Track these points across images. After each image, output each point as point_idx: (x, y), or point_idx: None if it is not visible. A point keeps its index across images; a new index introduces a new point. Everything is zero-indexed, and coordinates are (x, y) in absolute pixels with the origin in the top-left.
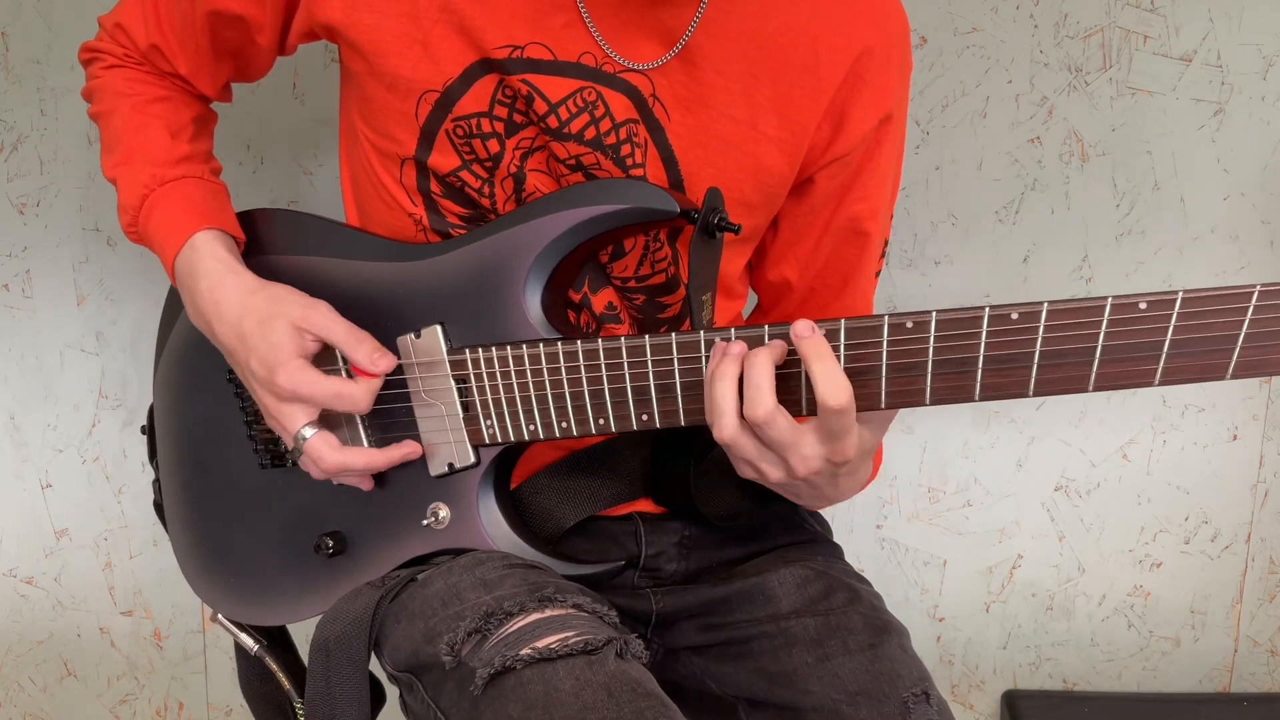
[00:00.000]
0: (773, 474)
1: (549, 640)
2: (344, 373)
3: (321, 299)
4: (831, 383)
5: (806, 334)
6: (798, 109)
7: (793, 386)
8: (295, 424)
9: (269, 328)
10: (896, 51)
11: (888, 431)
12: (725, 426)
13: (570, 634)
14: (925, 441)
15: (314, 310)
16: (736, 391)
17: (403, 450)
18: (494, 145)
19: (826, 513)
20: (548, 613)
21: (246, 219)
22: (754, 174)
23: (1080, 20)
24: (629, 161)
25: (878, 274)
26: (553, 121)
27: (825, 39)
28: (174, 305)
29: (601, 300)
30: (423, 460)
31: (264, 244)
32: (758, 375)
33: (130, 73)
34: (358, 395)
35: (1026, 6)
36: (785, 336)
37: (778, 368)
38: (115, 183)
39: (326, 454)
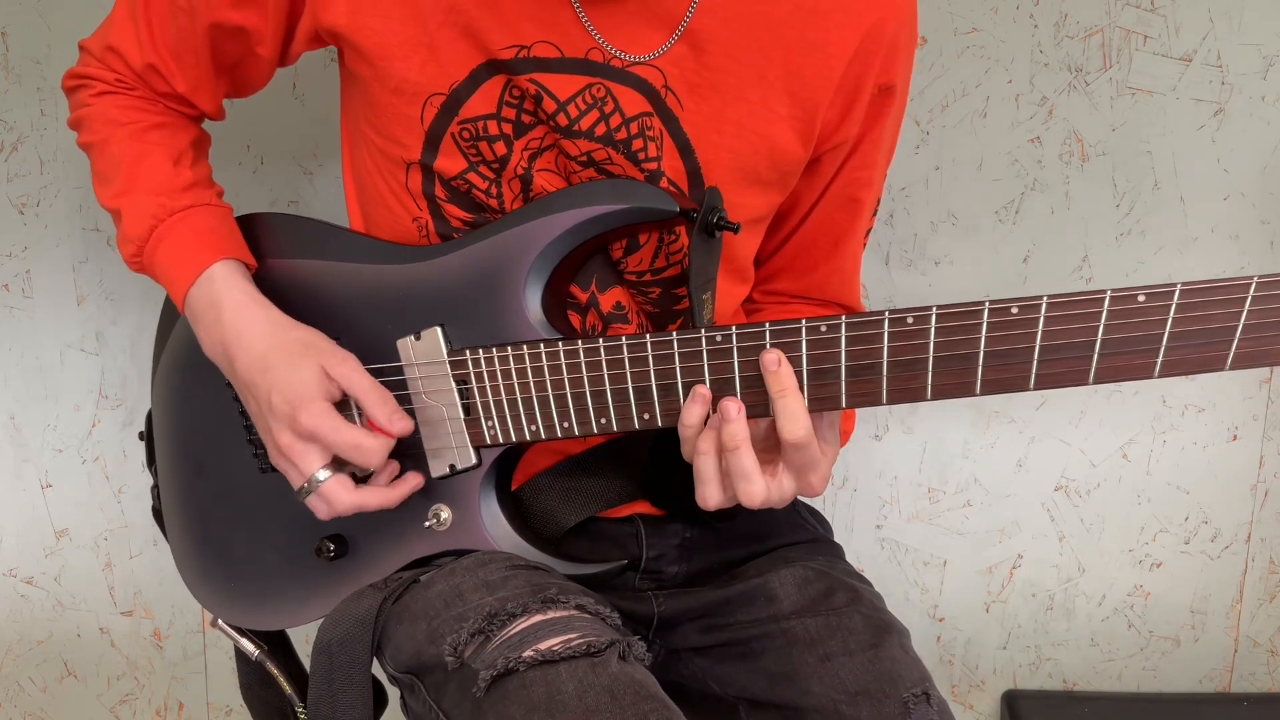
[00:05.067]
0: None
1: (552, 642)
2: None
3: (321, 302)
4: (790, 418)
5: (773, 367)
6: (810, 88)
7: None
8: (311, 465)
9: (297, 364)
10: (906, 25)
11: (896, 426)
12: (710, 497)
13: (573, 636)
14: (925, 441)
15: (344, 361)
16: (718, 461)
17: (410, 484)
18: (500, 147)
19: (827, 513)
20: (550, 614)
21: (246, 224)
22: (768, 155)
23: (1080, 20)
24: (641, 156)
25: (868, 232)
26: (562, 120)
27: (835, 15)
28: (171, 310)
29: (609, 300)
30: (424, 462)
31: (264, 249)
32: (745, 464)
33: (123, 99)
34: (375, 450)
35: (1026, 6)
36: (795, 329)
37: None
38: (117, 214)
39: (343, 496)
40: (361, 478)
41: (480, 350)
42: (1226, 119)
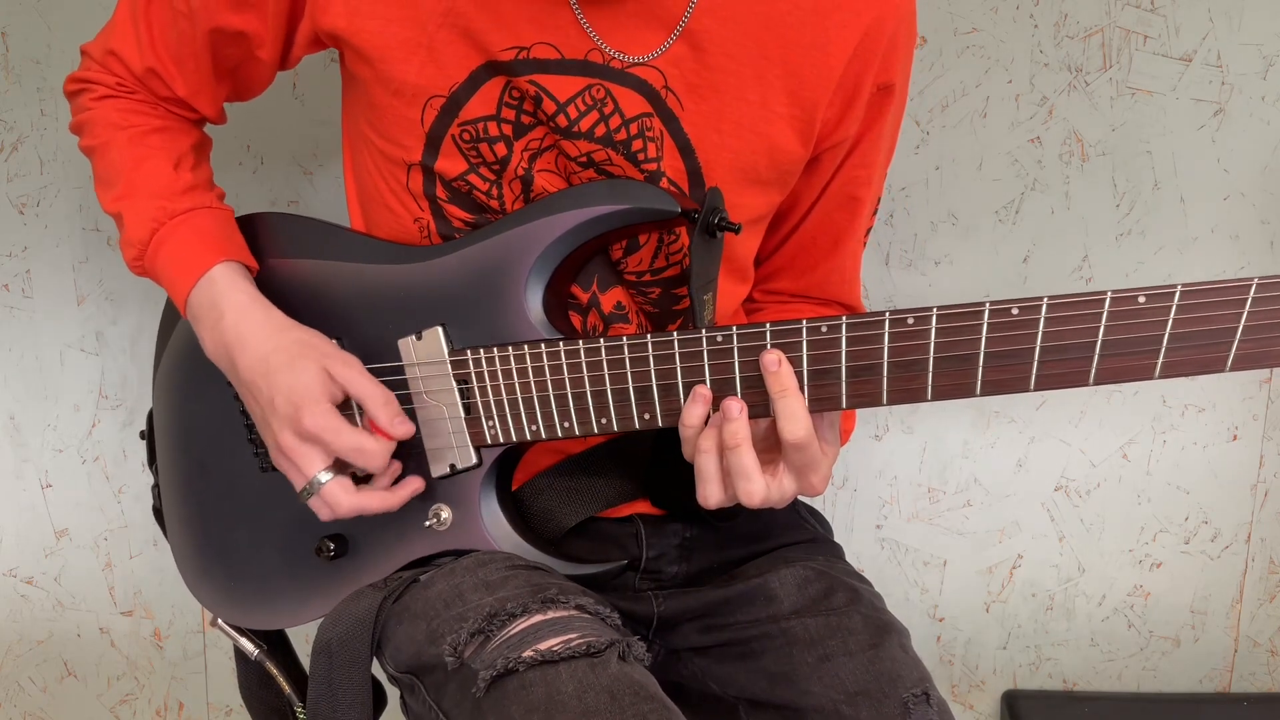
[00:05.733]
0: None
1: (552, 642)
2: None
3: (322, 302)
4: (791, 418)
5: (773, 368)
6: (809, 87)
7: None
8: (313, 467)
9: (299, 366)
10: (904, 24)
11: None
12: (711, 496)
13: (573, 636)
14: (925, 441)
15: (346, 364)
16: (719, 459)
17: (411, 487)
18: (501, 148)
19: (827, 513)
20: (550, 614)
21: (248, 223)
22: (768, 154)
23: (1080, 20)
24: (640, 157)
25: (869, 231)
26: (562, 121)
27: (835, 15)
28: (173, 309)
29: (610, 300)
30: (424, 461)
31: (267, 249)
32: (745, 462)
33: (124, 103)
34: (377, 453)
35: (1026, 6)
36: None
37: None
38: (119, 218)
39: (343, 499)
40: (362, 479)
41: (481, 350)
42: (1226, 119)
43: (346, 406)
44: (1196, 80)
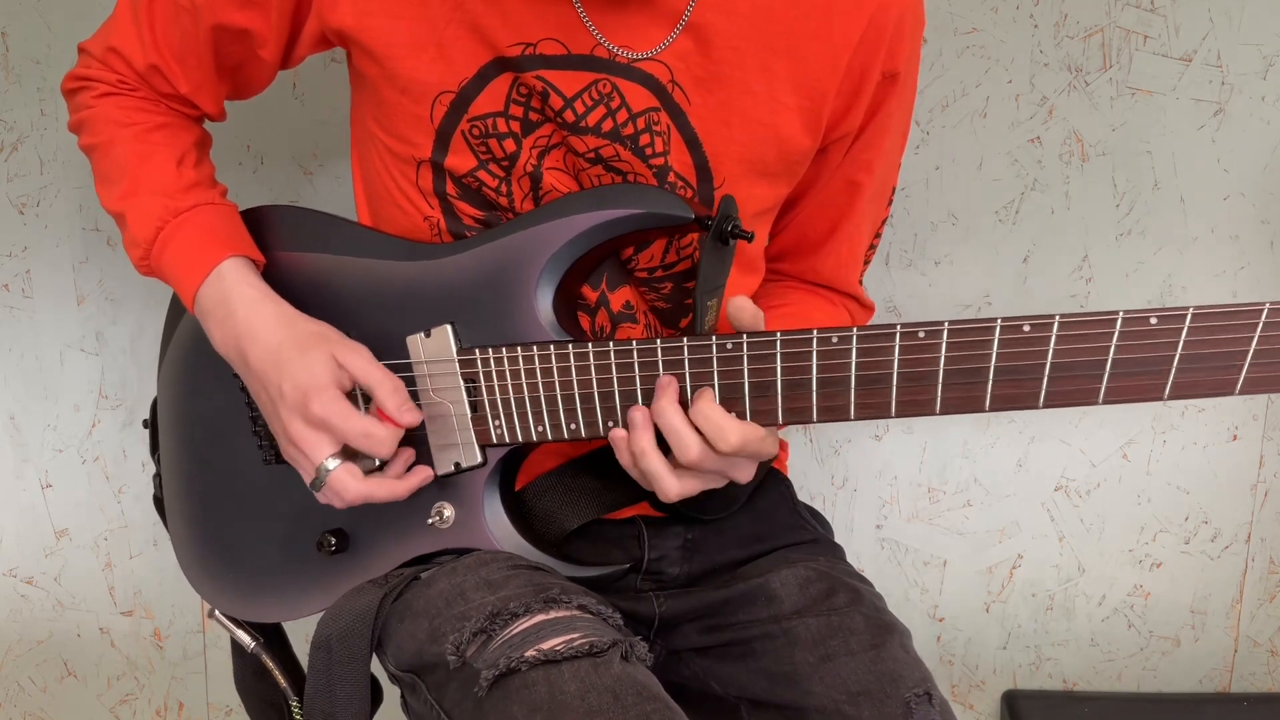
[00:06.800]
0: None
1: (554, 642)
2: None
3: (332, 296)
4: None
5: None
6: (815, 77)
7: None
8: (320, 454)
9: (309, 355)
10: (910, 10)
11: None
12: (669, 489)
13: (575, 636)
14: (925, 441)
15: (355, 352)
16: (661, 456)
17: (420, 476)
18: (510, 145)
19: (827, 513)
20: (553, 614)
21: (256, 216)
22: (776, 146)
23: (1080, 20)
24: (648, 151)
25: (884, 222)
26: (569, 116)
27: (838, 4)
28: (180, 302)
29: (619, 299)
30: (429, 459)
31: (275, 241)
32: (675, 422)
33: (125, 100)
34: (384, 439)
35: (1026, 6)
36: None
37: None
38: (122, 216)
39: (351, 485)
40: (373, 470)
41: (489, 350)
42: (1226, 119)
43: (354, 399)
44: (1196, 80)
